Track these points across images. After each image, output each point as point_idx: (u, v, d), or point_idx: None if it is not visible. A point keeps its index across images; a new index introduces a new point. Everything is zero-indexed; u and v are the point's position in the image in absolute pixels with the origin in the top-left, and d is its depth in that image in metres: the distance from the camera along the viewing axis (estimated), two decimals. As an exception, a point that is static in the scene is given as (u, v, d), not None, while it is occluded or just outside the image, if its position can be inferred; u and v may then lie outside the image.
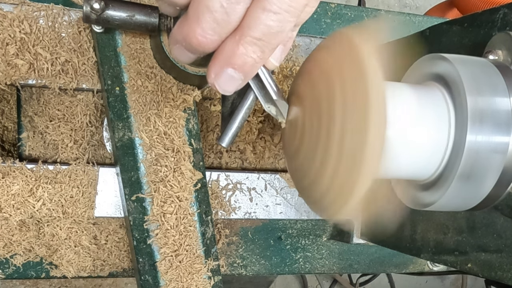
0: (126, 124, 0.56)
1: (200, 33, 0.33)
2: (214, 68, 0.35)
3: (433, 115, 0.40)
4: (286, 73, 0.70)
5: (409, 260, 0.78)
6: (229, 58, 0.34)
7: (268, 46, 0.34)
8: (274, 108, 0.42)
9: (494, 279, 0.45)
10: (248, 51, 0.34)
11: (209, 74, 0.36)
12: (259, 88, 0.41)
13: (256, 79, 0.40)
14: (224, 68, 0.35)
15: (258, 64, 0.35)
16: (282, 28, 0.33)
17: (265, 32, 0.33)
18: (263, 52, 0.34)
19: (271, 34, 0.33)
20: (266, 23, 0.33)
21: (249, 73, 0.36)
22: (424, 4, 2.15)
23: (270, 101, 0.41)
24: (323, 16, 0.73)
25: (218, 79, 0.35)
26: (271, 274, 0.73)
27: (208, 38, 0.34)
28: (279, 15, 0.32)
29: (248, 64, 0.35)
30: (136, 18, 0.49)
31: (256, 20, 0.33)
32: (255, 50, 0.34)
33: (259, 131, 0.71)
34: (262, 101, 0.42)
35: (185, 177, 0.58)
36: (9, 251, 0.60)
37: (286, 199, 0.69)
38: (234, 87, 0.36)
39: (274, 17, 0.32)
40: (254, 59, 0.34)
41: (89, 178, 0.60)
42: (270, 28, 0.33)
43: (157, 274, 0.57)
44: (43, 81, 0.57)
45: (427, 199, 0.43)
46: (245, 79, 0.36)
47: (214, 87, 0.36)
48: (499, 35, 0.43)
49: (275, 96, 0.41)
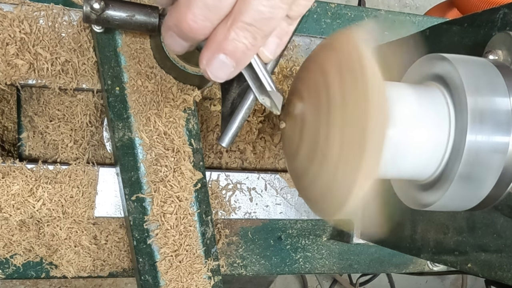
0: (126, 124, 0.56)
1: (191, 18, 0.33)
2: (205, 54, 0.35)
3: (433, 115, 0.40)
4: (286, 73, 0.69)
5: (409, 260, 0.78)
6: (220, 43, 0.34)
7: (259, 33, 0.34)
8: (268, 99, 0.41)
9: (494, 279, 0.45)
10: (239, 36, 0.34)
11: (201, 60, 0.36)
12: (253, 79, 0.41)
13: (250, 70, 0.40)
14: (215, 54, 0.35)
15: (250, 52, 0.35)
16: (274, 14, 0.33)
17: (256, 17, 0.33)
18: (254, 38, 0.34)
19: (263, 20, 0.33)
20: (257, 8, 0.33)
21: (241, 60, 0.36)
22: (424, 4, 2.15)
23: (265, 92, 0.41)
24: (323, 16, 0.73)
25: (209, 65, 0.35)
26: (271, 274, 0.73)
27: (199, 24, 0.34)
28: (270, 0, 0.33)
29: (240, 50, 0.35)
30: (136, 18, 0.49)
31: (247, 6, 0.33)
32: (247, 35, 0.34)
33: (259, 131, 0.71)
34: (256, 92, 0.41)
35: (185, 177, 0.58)
36: (9, 251, 0.60)
37: (286, 199, 0.69)
38: (226, 74, 0.36)
39: (265, 3, 0.33)
40: (246, 45, 0.34)
41: (89, 178, 0.60)
42: (261, 13, 0.33)
43: (157, 274, 0.57)
44: (43, 81, 0.57)
45: (427, 199, 0.43)
46: (237, 66, 0.36)
47: (206, 74, 0.36)
48: (499, 35, 0.43)
49: (269, 88, 0.40)
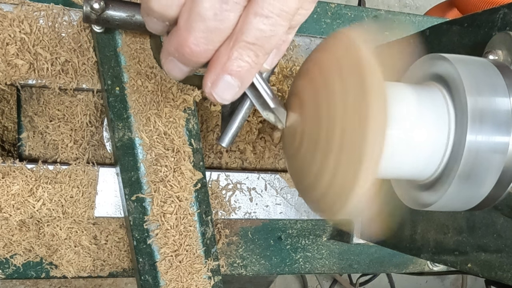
0: (126, 124, 0.56)
1: (192, 41, 0.33)
2: (210, 77, 0.35)
3: (433, 115, 0.40)
4: (286, 73, 0.69)
5: (409, 260, 0.78)
6: (224, 64, 0.34)
7: (262, 50, 0.34)
8: (272, 115, 0.42)
9: (494, 279, 0.45)
10: (242, 55, 0.34)
11: (205, 83, 0.35)
12: (256, 97, 0.41)
13: (251, 88, 0.40)
14: (220, 75, 0.34)
15: (254, 70, 0.35)
16: (275, 32, 0.33)
17: (258, 36, 0.33)
18: (257, 56, 0.34)
19: (264, 38, 0.33)
20: (259, 27, 0.33)
21: (246, 79, 0.35)
22: (424, 4, 2.15)
23: (268, 108, 0.41)
24: (323, 16, 0.73)
25: (215, 87, 0.35)
26: (271, 274, 0.73)
27: (201, 47, 0.33)
28: (271, 19, 0.33)
29: (244, 69, 0.34)
30: (136, 18, 0.49)
31: (249, 25, 0.33)
32: (250, 54, 0.34)
33: (259, 131, 0.71)
34: (260, 109, 0.42)
35: (185, 177, 0.58)
36: (9, 251, 0.60)
37: (286, 199, 0.69)
38: (232, 95, 0.36)
39: (266, 21, 0.33)
40: (249, 63, 0.34)
41: (89, 178, 0.60)
42: (262, 32, 0.33)
43: (157, 274, 0.57)
44: (43, 81, 0.57)
45: (427, 199, 0.43)
46: (242, 86, 0.35)
47: (212, 97, 0.35)
48: (499, 35, 0.43)
49: (272, 104, 0.41)
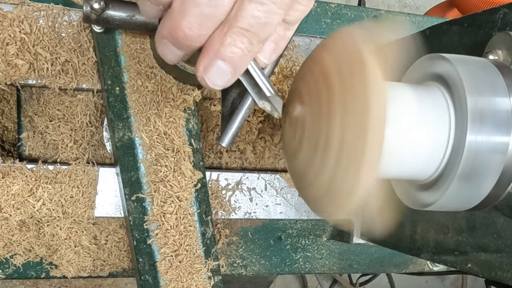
0: (126, 124, 0.56)
1: (186, 25, 0.33)
2: (203, 61, 0.35)
3: (433, 115, 0.40)
4: (286, 73, 0.69)
5: (409, 260, 0.78)
6: (217, 49, 0.34)
7: (255, 38, 0.34)
8: (268, 104, 0.41)
9: (494, 279, 0.45)
10: (236, 41, 0.34)
11: (198, 68, 0.35)
12: (252, 85, 0.41)
13: (247, 76, 0.40)
14: (213, 61, 0.34)
15: (247, 57, 0.35)
16: (269, 19, 0.33)
17: (252, 23, 0.33)
18: (251, 43, 0.34)
19: (259, 25, 0.33)
20: (253, 14, 0.33)
21: (239, 66, 0.35)
22: (424, 4, 2.15)
23: (264, 97, 0.41)
24: (323, 16, 0.73)
25: (207, 72, 0.35)
26: (271, 274, 0.73)
27: (194, 32, 0.33)
28: (265, 5, 0.33)
29: (237, 55, 0.34)
30: (136, 18, 0.49)
31: (243, 11, 0.33)
32: (243, 40, 0.34)
33: (259, 131, 0.71)
34: (256, 98, 0.41)
35: (185, 177, 0.58)
36: (9, 251, 0.60)
37: (286, 199, 0.69)
38: (224, 81, 0.36)
39: (260, 8, 0.33)
40: (243, 50, 0.34)
41: (89, 178, 0.60)
42: (257, 19, 0.33)
43: (157, 274, 0.57)
44: (43, 81, 0.57)
45: (427, 199, 0.43)
46: (234, 73, 0.35)
47: (204, 82, 0.36)
48: (499, 35, 0.43)
49: (268, 93, 0.41)
